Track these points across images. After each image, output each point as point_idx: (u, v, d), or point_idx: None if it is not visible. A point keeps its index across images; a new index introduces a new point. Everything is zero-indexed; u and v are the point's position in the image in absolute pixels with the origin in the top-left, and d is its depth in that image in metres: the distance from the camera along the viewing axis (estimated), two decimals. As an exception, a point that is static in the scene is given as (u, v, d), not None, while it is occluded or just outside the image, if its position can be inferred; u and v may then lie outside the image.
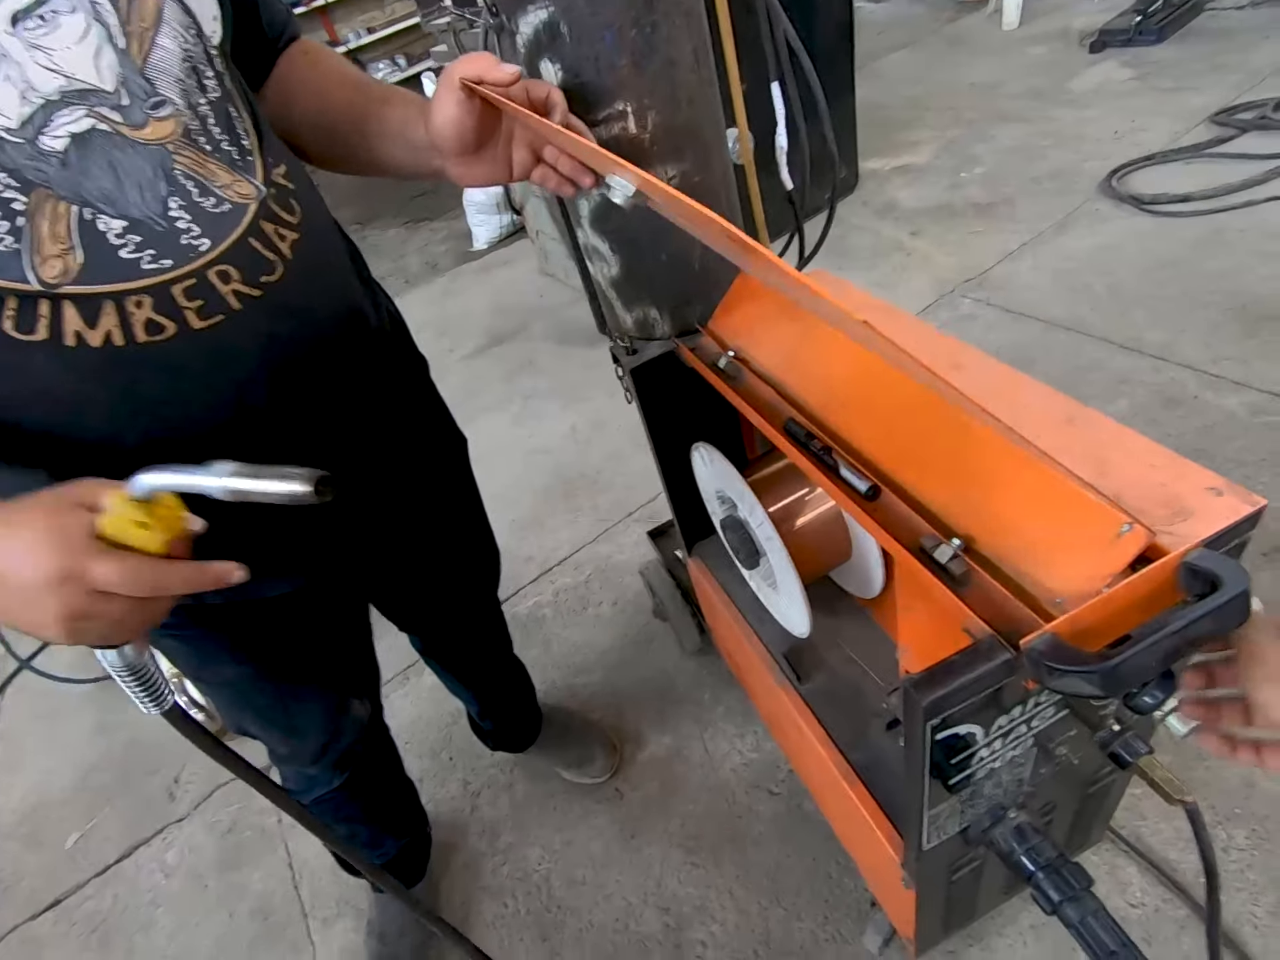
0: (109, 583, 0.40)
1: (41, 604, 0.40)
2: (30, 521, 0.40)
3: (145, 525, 0.42)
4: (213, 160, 0.51)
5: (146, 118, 0.48)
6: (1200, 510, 0.48)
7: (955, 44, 3.65)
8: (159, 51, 0.48)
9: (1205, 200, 2.04)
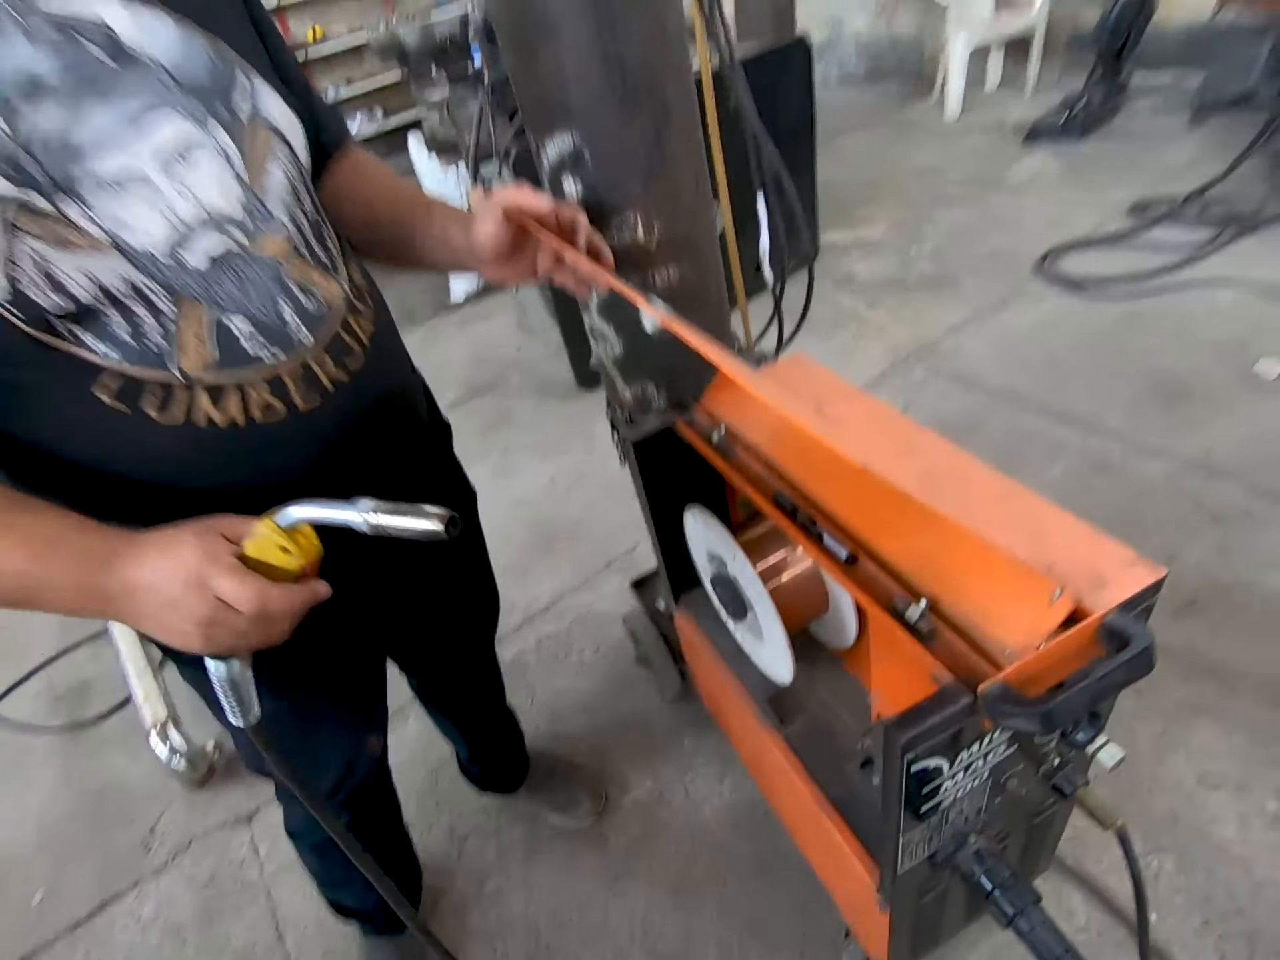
0: (234, 597, 0.47)
1: (180, 609, 0.48)
2: (180, 541, 0.48)
3: (287, 550, 0.49)
4: (312, 267, 0.60)
5: (263, 236, 0.57)
6: (1115, 579, 0.59)
7: (903, 130, 3.97)
8: (270, 180, 0.58)
9: (1127, 284, 2.29)
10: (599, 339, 1.00)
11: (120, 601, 0.50)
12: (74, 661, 1.96)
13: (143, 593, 0.49)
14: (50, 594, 0.50)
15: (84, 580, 0.49)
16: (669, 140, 0.81)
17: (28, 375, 0.51)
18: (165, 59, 0.53)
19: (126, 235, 0.50)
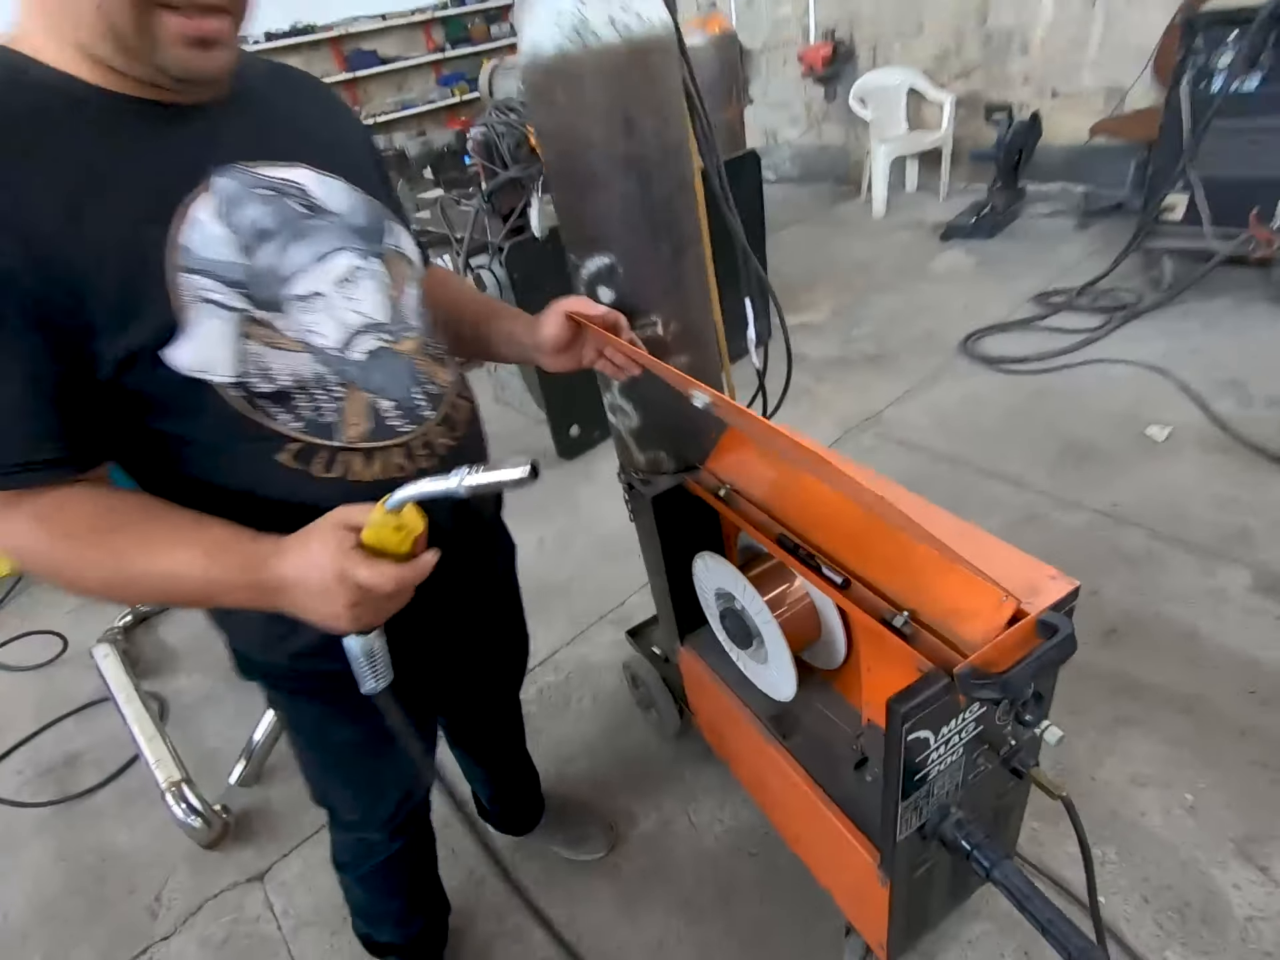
0: (371, 582, 0.56)
1: (332, 598, 0.58)
2: (313, 543, 0.59)
3: (398, 529, 0.58)
4: (433, 361, 0.77)
5: (402, 338, 0.74)
6: (1044, 589, 0.79)
7: (838, 225, 4.45)
8: (406, 296, 0.76)
9: (1037, 362, 2.65)
10: (618, 413, 1.19)
11: (280, 596, 0.60)
12: (59, 735, 1.94)
13: (294, 588, 0.59)
14: (229, 594, 0.61)
15: (251, 580, 0.60)
16: (683, 261, 1.03)
17: (227, 438, 0.65)
18: (340, 210, 0.71)
19: (312, 338, 0.67)
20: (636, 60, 0.87)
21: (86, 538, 0.60)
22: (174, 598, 0.65)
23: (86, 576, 0.61)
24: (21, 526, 0.59)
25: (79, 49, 0.57)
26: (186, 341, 0.60)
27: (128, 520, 0.62)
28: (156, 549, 0.61)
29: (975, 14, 4.10)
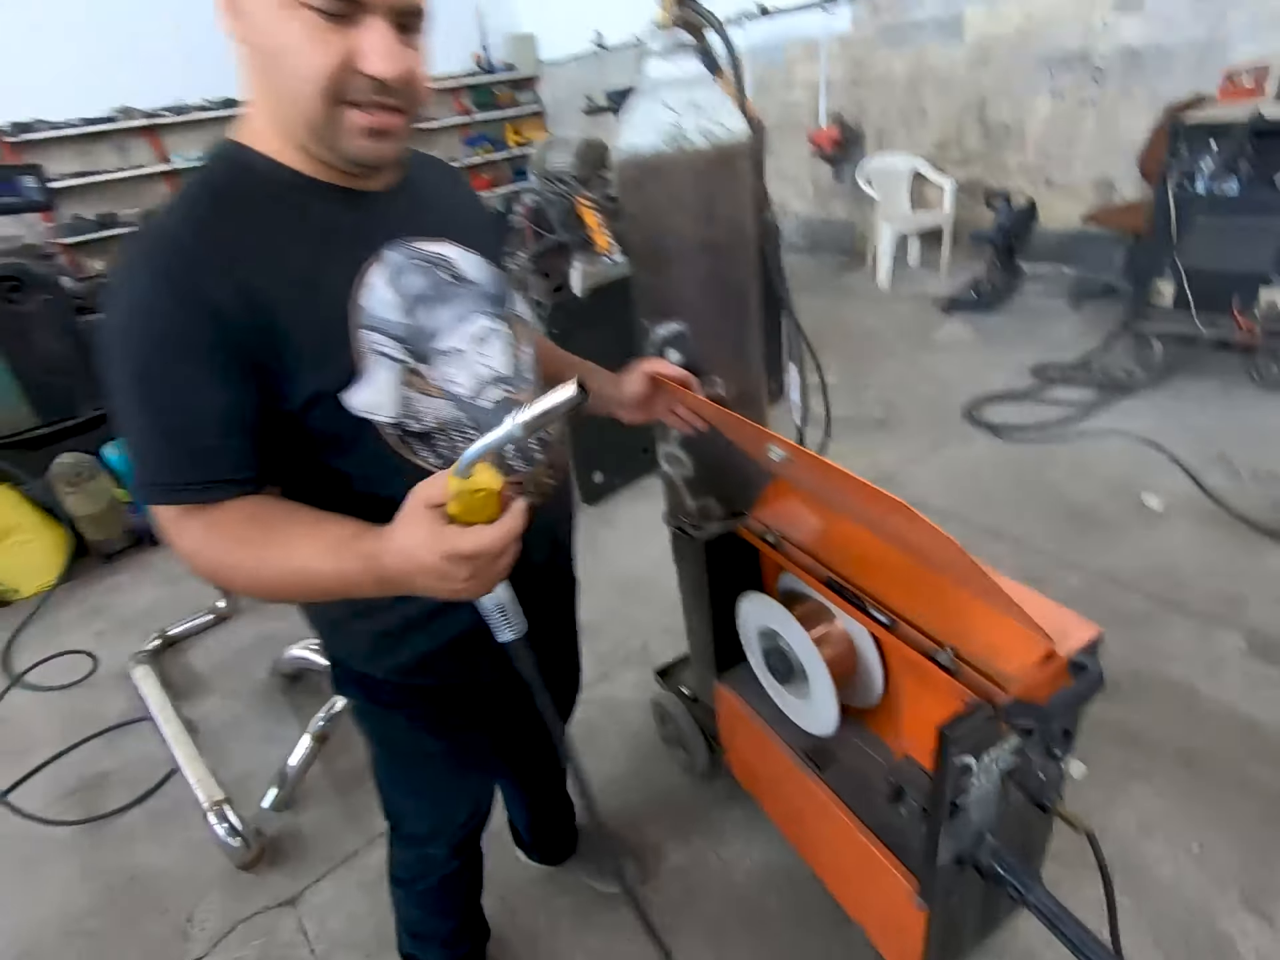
0: (479, 548, 0.57)
1: (448, 576, 0.59)
2: (408, 532, 0.59)
3: (476, 492, 0.57)
4: (544, 411, 0.89)
5: (521, 390, 0.85)
6: (1072, 633, 0.90)
7: (844, 294, 4.69)
8: (524, 354, 0.87)
9: (1036, 431, 2.80)
10: (673, 462, 1.30)
11: (402, 585, 0.62)
12: (86, 755, 1.97)
13: (411, 576, 0.60)
14: (360, 587, 0.64)
15: (375, 576, 0.62)
16: (746, 329, 1.16)
17: (378, 470, 0.75)
18: (477, 280, 0.83)
19: (452, 387, 0.78)
20: (720, 161, 1.01)
21: (248, 540, 0.67)
22: (315, 593, 0.69)
23: (245, 577, 0.68)
24: (199, 533, 0.67)
25: (287, 138, 0.70)
26: (361, 387, 0.71)
27: (274, 523, 0.68)
28: (294, 548, 0.66)
29: (975, 108, 4.43)
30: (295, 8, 0.60)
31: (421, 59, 0.68)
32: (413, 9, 0.65)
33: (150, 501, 0.68)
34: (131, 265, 0.66)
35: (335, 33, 0.61)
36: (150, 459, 0.67)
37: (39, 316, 2.84)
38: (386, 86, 0.64)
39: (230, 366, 0.66)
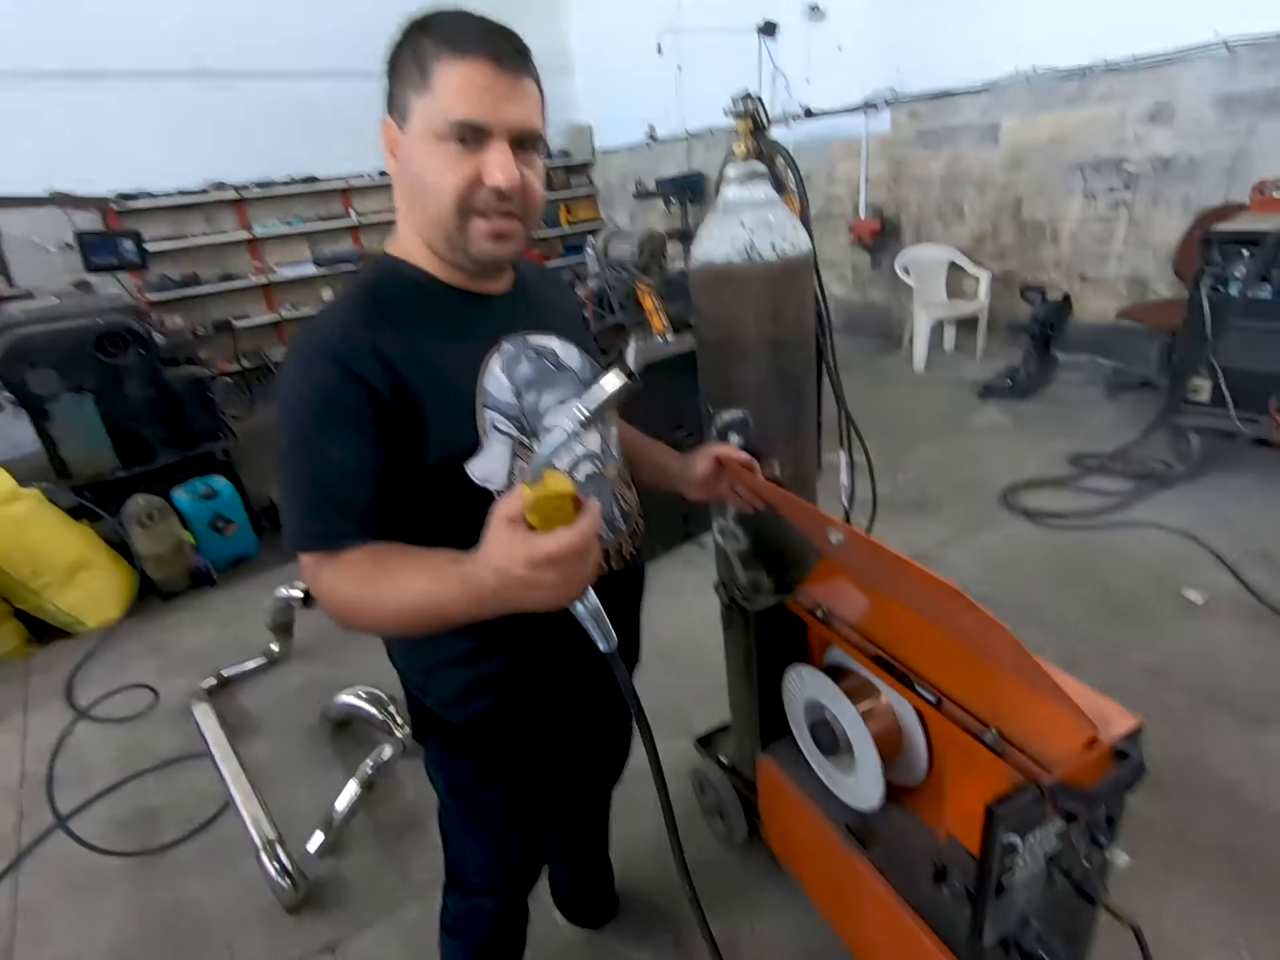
0: (561, 552, 0.59)
1: (537, 582, 0.61)
2: (494, 547, 0.63)
3: (549, 498, 0.60)
4: (625, 485, 0.99)
5: (608, 465, 0.96)
6: (1114, 720, 0.94)
7: (881, 375, 4.82)
8: (611, 433, 0.98)
9: (1074, 519, 2.83)
10: (728, 536, 1.39)
11: (500, 600, 0.65)
12: (141, 789, 2.04)
13: (505, 589, 0.63)
14: (465, 610, 0.69)
15: (472, 595, 0.66)
16: (803, 417, 1.27)
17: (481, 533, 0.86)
18: (575, 368, 0.95)
19: (554, 461, 0.89)
20: (786, 272, 1.14)
21: (369, 579, 0.75)
22: (428, 621, 0.72)
23: (369, 613, 0.74)
24: (333, 574, 0.76)
25: (429, 248, 0.83)
26: (480, 457, 0.82)
27: (390, 562, 0.75)
28: (404, 581, 0.72)
29: (1010, 207, 4.63)
30: (438, 141, 0.75)
31: (537, 174, 0.82)
32: (529, 133, 0.78)
33: (297, 548, 0.78)
34: (304, 347, 0.79)
35: (467, 158, 0.75)
36: (302, 509, 0.78)
37: (131, 369, 3.08)
38: (505, 195, 0.77)
39: (377, 434, 0.77)
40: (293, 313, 6.31)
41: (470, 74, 0.73)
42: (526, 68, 0.77)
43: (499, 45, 0.74)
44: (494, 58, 0.73)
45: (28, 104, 5.02)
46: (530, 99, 0.78)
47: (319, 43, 5.94)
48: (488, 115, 0.74)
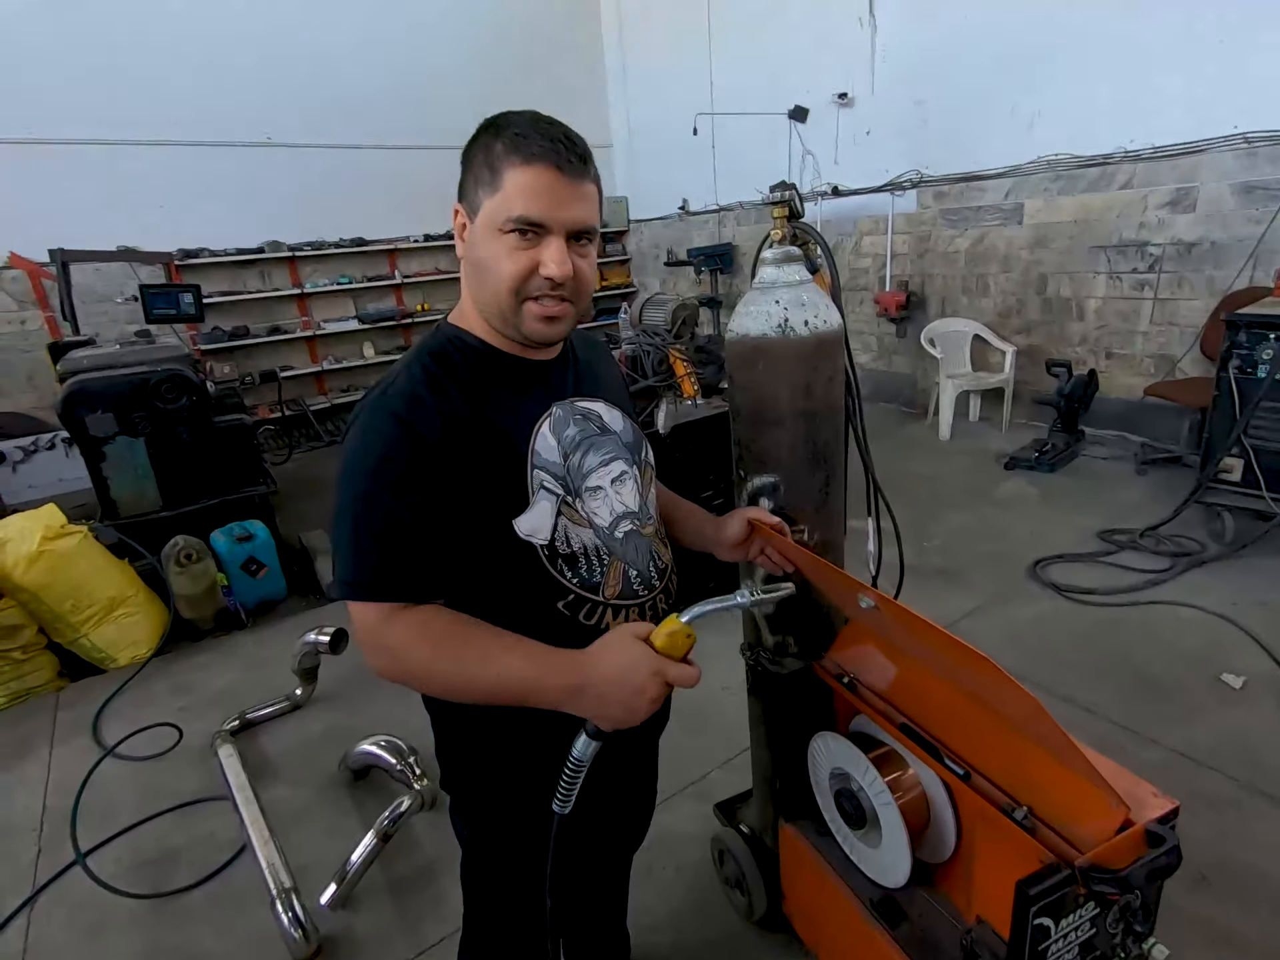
0: (681, 679, 0.75)
1: (642, 692, 0.74)
2: (622, 650, 0.76)
3: (688, 638, 0.76)
4: (661, 543, 1.03)
5: (646, 525, 1.00)
6: (1148, 803, 0.93)
7: (905, 443, 4.86)
8: (649, 495, 1.03)
9: (1105, 595, 2.79)
10: (755, 599, 1.41)
11: (587, 694, 0.75)
12: (159, 829, 2.04)
13: (609, 684, 0.74)
14: (545, 693, 0.78)
15: (567, 682, 0.76)
16: (832, 485, 1.30)
17: (530, 585, 0.89)
18: (618, 431, 1.00)
19: (594, 518, 0.93)
20: (819, 347, 1.20)
21: (445, 644, 0.81)
22: (499, 696, 0.80)
23: (442, 676, 0.81)
24: (403, 630, 0.81)
25: (486, 322, 0.91)
26: (528, 515, 0.87)
27: (469, 633, 0.81)
28: (491, 656, 0.79)
29: (1035, 283, 4.73)
30: (501, 234, 0.83)
31: (589, 263, 0.89)
32: (584, 228, 0.86)
33: (354, 597, 0.83)
34: (372, 409, 0.85)
35: (526, 249, 0.83)
36: (360, 561, 0.83)
37: (183, 415, 3.23)
38: (557, 284, 0.85)
39: (438, 491, 0.82)
40: (334, 365, 6.57)
41: (534, 179, 0.81)
42: (588, 172, 0.85)
43: (563, 153, 0.82)
44: (557, 166, 0.81)
45: (108, 167, 5.43)
46: (588, 200, 0.86)
47: (373, 118, 6.40)
48: (546, 214, 0.82)
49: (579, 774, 0.80)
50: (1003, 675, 0.79)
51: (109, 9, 5.30)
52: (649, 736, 1.15)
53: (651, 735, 1.17)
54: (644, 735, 1.11)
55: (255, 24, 5.83)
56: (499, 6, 6.89)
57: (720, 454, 2.98)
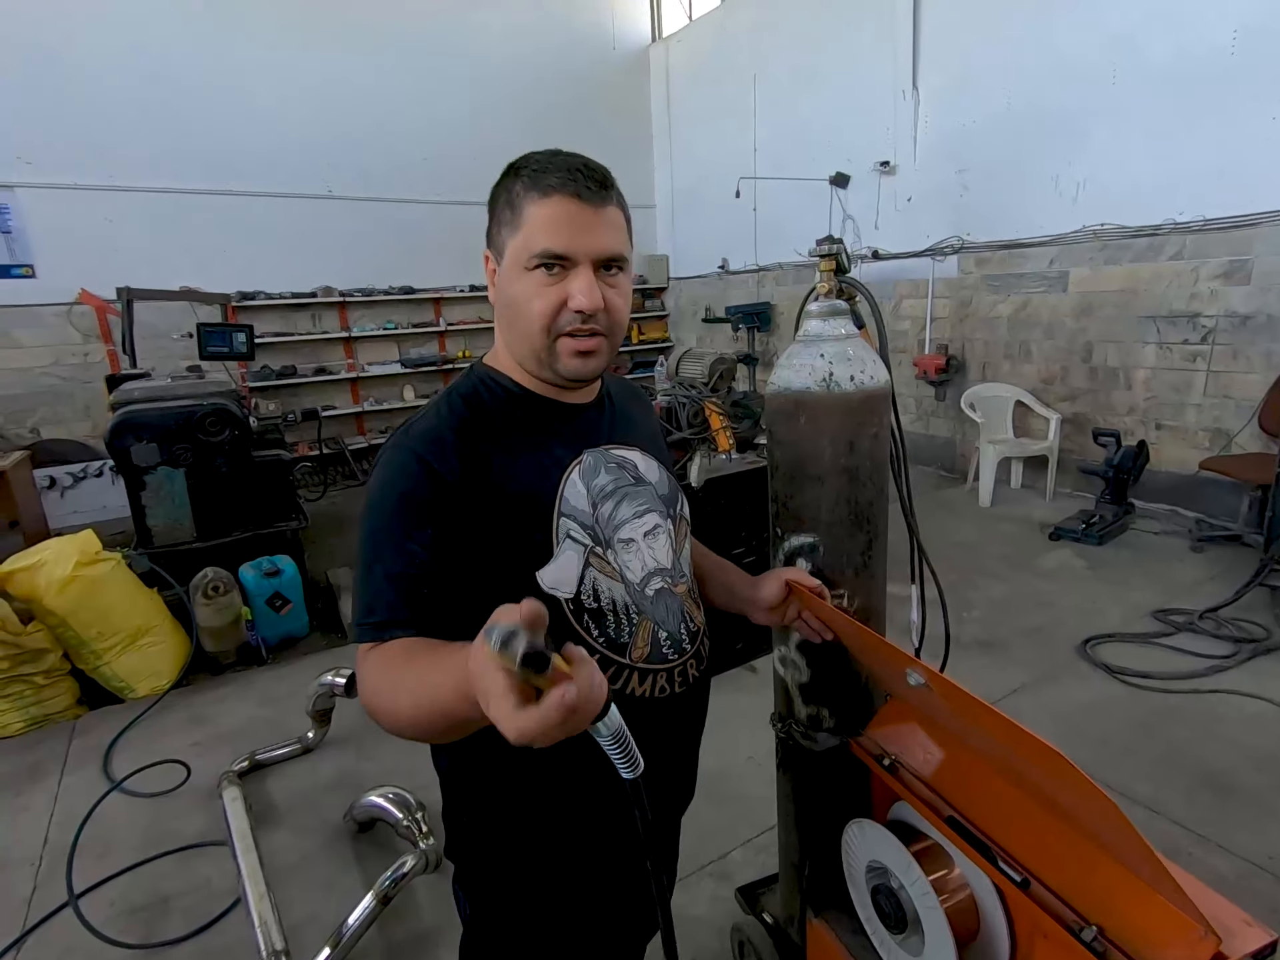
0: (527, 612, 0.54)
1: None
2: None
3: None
4: (694, 604, 0.97)
5: (678, 583, 0.94)
6: (1240, 933, 0.81)
7: (943, 507, 4.72)
8: (683, 551, 0.97)
9: (1162, 681, 2.61)
10: (789, 666, 1.32)
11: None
12: (156, 872, 1.97)
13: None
14: (461, 705, 0.58)
15: (465, 690, 0.57)
16: (874, 548, 1.23)
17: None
18: (653, 481, 0.96)
19: (625, 572, 0.88)
20: (864, 403, 1.15)
21: (395, 672, 0.70)
22: (436, 721, 0.65)
23: (387, 703, 0.69)
24: (370, 663, 0.73)
25: (519, 362, 0.87)
26: (552, 565, 0.82)
27: (417, 653, 0.70)
28: (421, 673, 0.67)
29: (1081, 351, 4.64)
30: (528, 272, 0.80)
31: (621, 293, 0.85)
32: (611, 256, 0.82)
33: (354, 637, 0.77)
34: (397, 445, 0.82)
35: (553, 284, 0.80)
36: (365, 599, 0.77)
37: (224, 448, 3.29)
38: (588, 316, 0.81)
39: (449, 531, 0.77)
40: (374, 406, 6.72)
41: (554, 211, 0.79)
42: (609, 197, 0.82)
43: (581, 181, 0.79)
44: (575, 194, 0.79)
45: (176, 213, 5.75)
46: (613, 226, 0.82)
47: (426, 174, 6.72)
48: (569, 245, 0.79)
49: (622, 743, 0.62)
50: (1077, 773, 0.70)
51: (189, 71, 5.70)
52: (670, 815, 1.06)
53: (674, 814, 1.09)
54: (665, 814, 1.03)
55: (322, 86, 6.22)
56: (552, 71, 7.25)
57: (754, 510, 2.92)
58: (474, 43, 6.81)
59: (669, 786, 0.99)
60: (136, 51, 5.49)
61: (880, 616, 1.30)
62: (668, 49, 7.79)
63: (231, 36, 5.81)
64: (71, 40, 5.27)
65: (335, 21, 6.19)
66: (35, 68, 5.19)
